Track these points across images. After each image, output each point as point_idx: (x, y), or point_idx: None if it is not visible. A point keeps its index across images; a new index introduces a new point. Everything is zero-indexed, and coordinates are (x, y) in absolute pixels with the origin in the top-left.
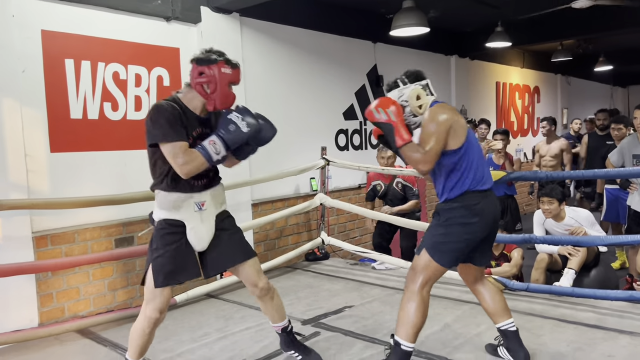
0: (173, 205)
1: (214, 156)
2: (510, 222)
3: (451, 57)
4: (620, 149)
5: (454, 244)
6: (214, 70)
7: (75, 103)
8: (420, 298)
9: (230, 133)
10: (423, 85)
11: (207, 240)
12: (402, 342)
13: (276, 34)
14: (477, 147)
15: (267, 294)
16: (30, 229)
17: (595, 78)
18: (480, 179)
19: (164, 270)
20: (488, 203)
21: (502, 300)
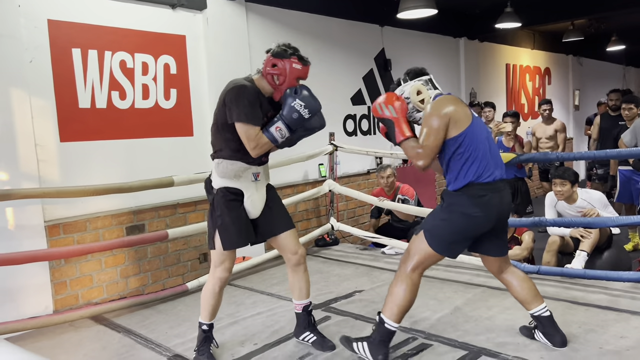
0: (235, 174)
1: (279, 140)
2: (521, 205)
3: (460, 39)
4: (634, 129)
5: (452, 233)
6: (286, 64)
7: (84, 92)
8: (410, 281)
9: (293, 119)
10: (424, 81)
11: (260, 208)
12: (387, 320)
13: (282, 19)
14: (485, 138)
15: (303, 263)
16: (42, 218)
17: (608, 58)
18: (487, 170)
19: (230, 235)
20: (495, 196)
21: (531, 286)
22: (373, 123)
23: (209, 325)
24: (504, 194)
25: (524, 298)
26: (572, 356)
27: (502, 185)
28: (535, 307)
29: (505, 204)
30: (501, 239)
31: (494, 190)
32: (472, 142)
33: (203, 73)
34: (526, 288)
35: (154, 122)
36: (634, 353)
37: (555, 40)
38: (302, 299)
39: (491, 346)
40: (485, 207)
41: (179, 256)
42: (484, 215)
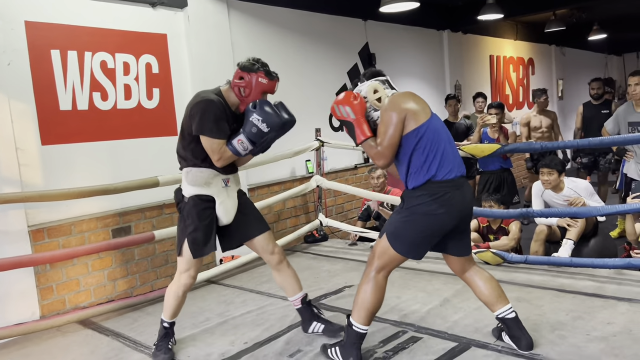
0: (205, 181)
1: (242, 152)
2: (507, 196)
3: (443, 32)
4: (616, 117)
5: (414, 234)
6: (252, 77)
7: (64, 94)
8: (375, 283)
9: (253, 134)
10: (381, 81)
11: (232, 214)
12: (355, 324)
13: (264, 15)
14: (445, 134)
15: (284, 261)
16: (25, 222)
17: (590, 47)
18: (447, 167)
19: (199, 244)
20: (457, 193)
21: (495, 286)
22: None
23: (170, 324)
24: (465, 191)
25: (487, 299)
26: (560, 343)
27: (463, 182)
28: (500, 308)
29: (467, 200)
30: (464, 238)
31: (455, 187)
32: (432, 137)
33: (186, 72)
34: (490, 288)
35: (137, 123)
36: (620, 339)
37: (538, 31)
38: (296, 293)
39: (480, 337)
40: (447, 204)
41: (167, 257)
42: (446, 212)
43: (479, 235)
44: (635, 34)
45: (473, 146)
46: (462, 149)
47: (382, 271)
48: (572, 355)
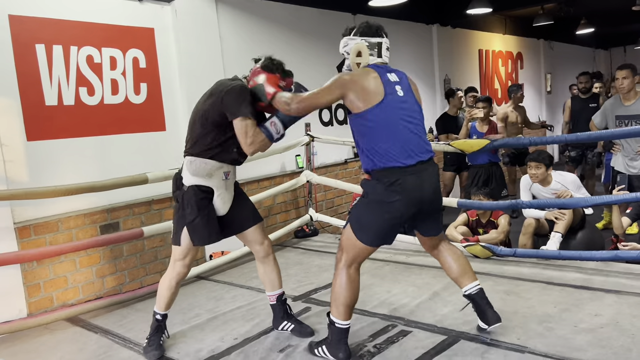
0: (207, 172)
1: (274, 135)
2: (496, 189)
3: (432, 26)
4: (604, 111)
5: (374, 222)
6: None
7: (50, 89)
8: (347, 276)
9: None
10: (371, 44)
11: (228, 205)
12: (336, 320)
13: (253, 9)
14: (405, 117)
15: (271, 255)
16: (11, 219)
17: (578, 41)
18: (403, 153)
19: (200, 232)
20: (412, 178)
21: (464, 263)
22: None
23: (163, 316)
24: (425, 175)
25: (455, 275)
26: (548, 335)
27: (423, 167)
28: (467, 284)
29: (426, 185)
30: (433, 220)
31: (411, 173)
32: (380, 121)
33: (174, 66)
34: (458, 265)
35: (125, 118)
36: (607, 330)
37: (526, 25)
38: (274, 289)
39: (469, 329)
40: (400, 192)
41: (156, 253)
42: (401, 200)
43: (468, 229)
44: (622, 28)
45: (462, 141)
46: (451, 144)
47: (352, 264)
48: (559, 347)
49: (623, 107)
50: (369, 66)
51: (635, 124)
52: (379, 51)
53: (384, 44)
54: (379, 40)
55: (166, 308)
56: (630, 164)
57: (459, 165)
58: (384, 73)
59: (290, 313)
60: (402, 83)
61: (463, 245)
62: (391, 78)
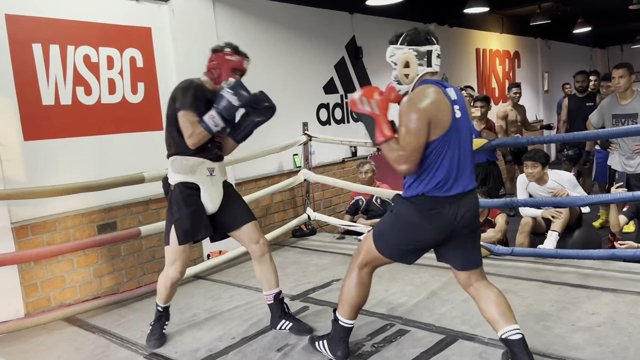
0: (190, 169)
1: (213, 128)
2: (493, 188)
3: (430, 25)
4: (600, 110)
5: (397, 240)
6: (220, 56)
7: (47, 89)
8: (359, 278)
9: (223, 107)
10: (419, 53)
11: (217, 203)
12: (341, 318)
13: (250, 9)
14: (460, 140)
15: (267, 254)
16: (8, 219)
17: (575, 40)
18: (448, 182)
19: (184, 229)
20: (449, 209)
21: (502, 304)
22: (346, 112)
23: (164, 308)
24: (463, 207)
25: (492, 317)
26: (545, 334)
27: (463, 197)
28: (503, 328)
29: (463, 217)
30: (465, 252)
31: (450, 203)
32: (443, 150)
33: (171, 65)
34: (496, 306)
35: (122, 117)
36: (604, 329)
37: (524, 24)
38: (271, 289)
39: (467, 329)
40: (433, 220)
41: (154, 253)
42: (431, 228)
43: None
44: (619, 27)
45: None
46: None
47: (365, 267)
48: (557, 346)
49: (619, 106)
50: (425, 82)
51: (632, 122)
52: (429, 60)
53: (434, 51)
54: (429, 48)
55: (166, 302)
56: (627, 162)
57: None
58: (444, 88)
59: (288, 312)
60: (459, 102)
61: None
62: (451, 96)
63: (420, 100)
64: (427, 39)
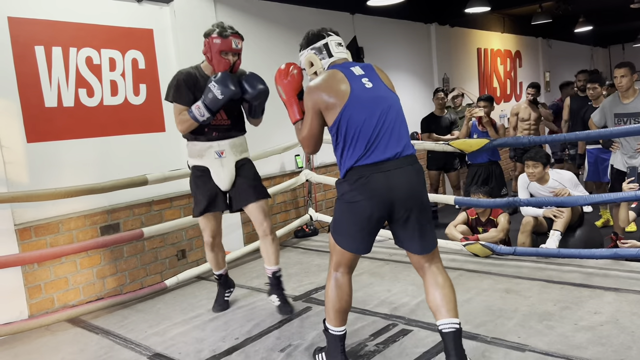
0: (198, 153)
1: (199, 118)
2: (495, 188)
3: (431, 25)
4: (602, 109)
5: (346, 226)
6: (209, 41)
7: (49, 91)
8: (335, 281)
9: (209, 99)
10: (317, 49)
11: (228, 183)
12: (330, 327)
13: (251, 10)
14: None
15: (269, 236)
16: (12, 221)
17: (576, 39)
18: (370, 150)
19: (198, 205)
20: (378, 177)
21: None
22: None
23: (219, 275)
24: (397, 177)
25: (434, 305)
26: (548, 333)
27: (394, 166)
28: (442, 318)
29: (399, 188)
30: (415, 234)
31: (377, 171)
32: (348, 125)
33: (173, 67)
34: (441, 294)
35: (125, 119)
36: (607, 328)
37: (525, 24)
38: (270, 265)
39: (470, 328)
40: (364, 190)
41: (157, 254)
42: (366, 199)
43: (467, 228)
44: (621, 25)
45: (462, 141)
46: (451, 144)
47: (338, 268)
48: (560, 345)
49: (622, 105)
50: (328, 68)
51: (634, 121)
52: (328, 51)
53: (330, 42)
54: (324, 41)
55: (217, 269)
56: (629, 161)
57: (444, 164)
58: (347, 68)
59: (281, 289)
60: (367, 75)
61: (463, 244)
62: (356, 72)
63: (309, 91)
64: (320, 35)
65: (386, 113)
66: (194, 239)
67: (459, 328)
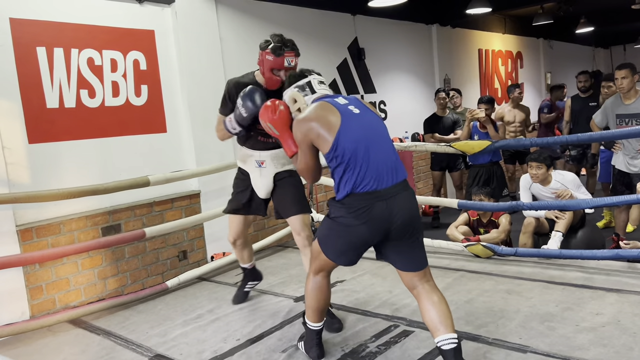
0: (242, 158)
1: (232, 130)
2: (496, 189)
3: (432, 26)
4: (604, 109)
5: (337, 243)
6: (262, 56)
7: (51, 92)
8: (314, 283)
9: (237, 114)
10: (300, 87)
11: (264, 192)
12: (307, 321)
13: (253, 10)
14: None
15: (307, 246)
16: (13, 222)
17: (577, 40)
18: (367, 178)
19: (230, 203)
20: (380, 205)
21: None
22: None
23: (243, 268)
24: (397, 204)
25: (431, 323)
26: (549, 334)
27: (392, 191)
28: (440, 335)
29: (398, 215)
30: (407, 254)
31: (378, 199)
32: (345, 151)
33: (174, 68)
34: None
35: (126, 120)
36: (609, 329)
37: (526, 24)
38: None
39: (471, 329)
40: (364, 217)
41: (158, 255)
42: (365, 225)
43: (469, 229)
44: (622, 26)
45: (463, 143)
46: (452, 145)
47: (319, 272)
48: (561, 346)
49: (623, 105)
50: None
51: (636, 122)
52: (311, 88)
53: (312, 80)
54: (307, 79)
55: (243, 263)
56: (631, 162)
57: (447, 165)
58: (331, 98)
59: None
60: (352, 103)
61: (464, 244)
62: (340, 102)
63: (298, 124)
64: (303, 74)
65: (379, 138)
66: (195, 239)
67: (459, 342)
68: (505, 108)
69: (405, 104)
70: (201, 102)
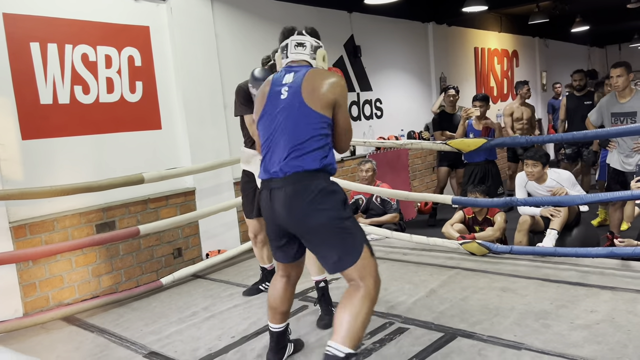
0: (246, 159)
1: None
2: (492, 187)
3: (428, 24)
4: (599, 108)
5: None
6: None
7: (44, 88)
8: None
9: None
10: (281, 48)
11: None
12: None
13: (248, 7)
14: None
15: None
16: (7, 219)
17: (573, 39)
18: (264, 164)
19: (244, 207)
20: (263, 194)
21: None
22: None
23: (262, 268)
24: (275, 201)
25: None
26: (544, 332)
27: (274, 189)
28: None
29: (275, 205)
30: (289, 247)
31: (264, 188)
32: (262, 131)
33: (169, 64)
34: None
35: (120, 116)
36: (603, 326)
37: (522, 23)
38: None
39: (466, 327)
40: (261, 200)
41: (152, 252)
42: (263, 208)
43: (464, 227)
44: (617, 26)
45: (459, 141)
46: (448, 143)
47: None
48: (556, 344)
49: (618, 104)
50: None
51: (631, 121)
52: (286, 52)
53: (290, 43)
54: (285, 42)
55: (264, 263)
56: (625, 160)
57: (454, 161)
58: (281, 75)
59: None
60: (294, 83)
61: (459, 242)
62: (285, 80)
63: None
64: (283, 35)
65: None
66: (190, 237)
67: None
68: (514, 104)
69: (401, 102)
70: (196, 99)
